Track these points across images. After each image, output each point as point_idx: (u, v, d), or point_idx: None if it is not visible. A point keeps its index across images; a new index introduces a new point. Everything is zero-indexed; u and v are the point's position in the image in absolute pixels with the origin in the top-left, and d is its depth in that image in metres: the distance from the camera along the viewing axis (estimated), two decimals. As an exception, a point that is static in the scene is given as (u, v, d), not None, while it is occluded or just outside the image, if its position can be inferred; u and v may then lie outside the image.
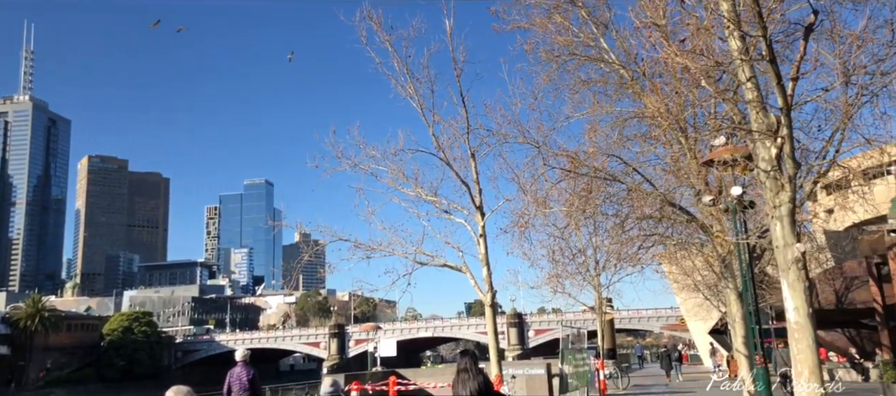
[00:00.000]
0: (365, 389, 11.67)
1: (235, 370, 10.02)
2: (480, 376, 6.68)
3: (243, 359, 10.13)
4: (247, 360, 10.19)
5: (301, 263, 15.49)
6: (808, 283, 6.20)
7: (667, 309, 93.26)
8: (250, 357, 10.53)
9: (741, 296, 17.23)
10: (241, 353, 10.30)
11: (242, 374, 9.82)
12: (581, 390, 18.64)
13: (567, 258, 25.89)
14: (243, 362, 10.08)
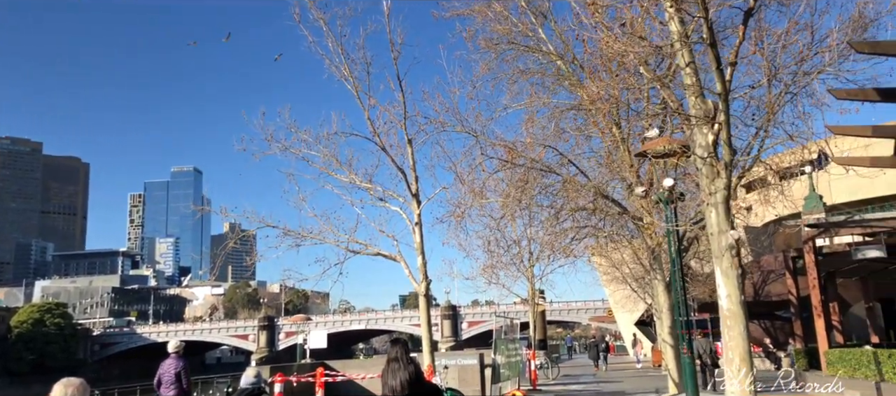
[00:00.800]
0: (289, 381, 11.15)
1: (166, 361, 9.80)
2: (411, 366, 6.35)
3: (175, 350, 9.91)
4: (180, 352, 9.96)
5: (225, 250, 14.72)
6: (740, 271, 6.21)
7: (596, 301, 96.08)
8: (184, 348, 10.33)
9: (668, 288, 17.68)
10: (174, 344, 10.08)
11: (172, 366, 9.62)
12: (513, 380, 18.66)
13: (502, 249, 26.02)
14: (176, 353, 9.85)
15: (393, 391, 6.35)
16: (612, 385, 22.07)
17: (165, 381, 9.62)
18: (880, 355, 14.12)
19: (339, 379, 11.10)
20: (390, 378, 6.41)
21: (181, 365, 9.73)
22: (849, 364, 15.48)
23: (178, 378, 9.55)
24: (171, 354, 9.90)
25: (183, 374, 9.63)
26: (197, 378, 13.28)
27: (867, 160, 11.29)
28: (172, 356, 9.86)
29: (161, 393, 9.73)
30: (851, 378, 15.25)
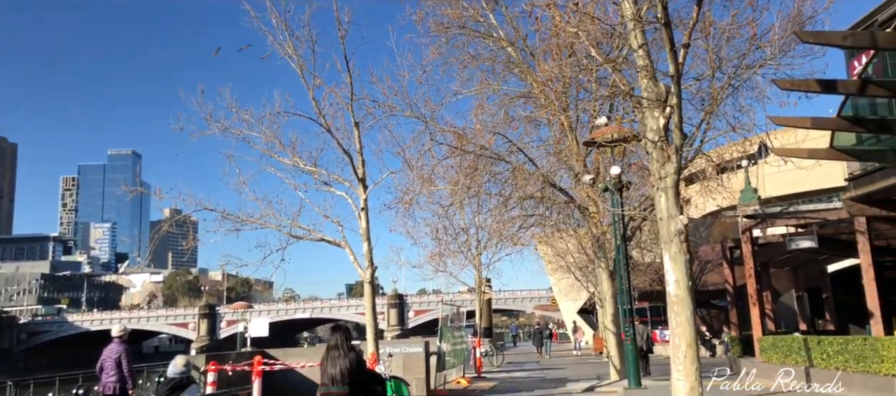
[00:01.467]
0: (224, 369, 10.66)
1: (108, 346, 9.70)
2: (352, 353, 6.07)
3: (119, 336, 9.80)
4: (123, 337, 9.84)
5: (161, 234, 14.00)
6: (689, 256, 6.16)
7: (540, 290, 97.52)
8: (129, 334, 10.28)
9: (612, 276, 17.91)
10: (118, 329, 9.99)
11: (113, 351, 9.51)
12: (458, 368, 18.57)
13: (450, 236, 25.90)
14: (119, 339, 9.74)
15: (332, 380, 6.05)
16: (555, 371, 22.29)
17: (107, 367, 9.47)
18: (810, 341, 14.66)
19: (277, 368, 10.66)
20: (330, 367, 6.11)
21: (122, 350, 9.55)
22: (781, 351, 16.03)
23: (119, 364, 9.38)
24: (115, 339, 9.75)
25: (123, 359, 9.44)
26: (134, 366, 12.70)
27: (804, 152, 11.62)
28: (115, 341, 9.71)
29: (102, 380, 9.56)
30: (783, 364, 15.79)
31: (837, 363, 13.49)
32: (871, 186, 13.15)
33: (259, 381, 9.75)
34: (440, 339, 15.74)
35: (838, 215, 15.28)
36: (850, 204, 13.88)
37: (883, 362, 12.00)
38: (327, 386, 6.01)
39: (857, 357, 12.78)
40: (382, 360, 12.72)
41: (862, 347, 12.65)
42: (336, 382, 5.96)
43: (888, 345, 11.93)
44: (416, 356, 14.23)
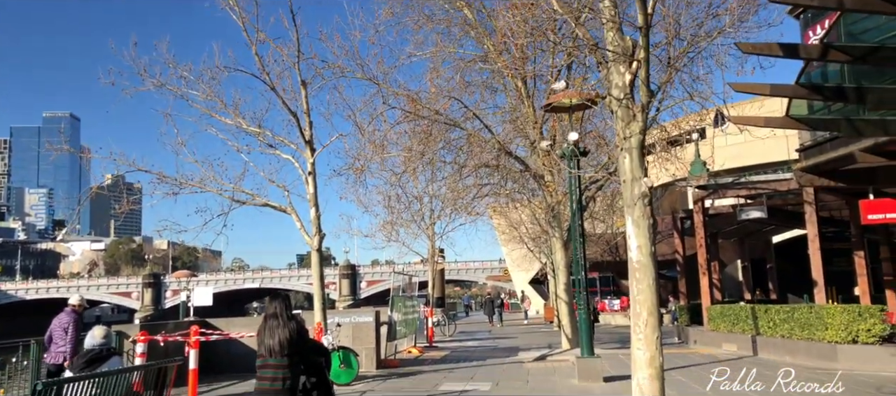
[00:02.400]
0: (155, 340, 9.99)
1: (59, 316, 9.64)
2: (293, 323, 5.55)
3: (74, 306, 9.72)
4: (78, 308, 9.74)
5: (89, 196, 13.03)
6: (652, 221, 5.85)
7: (493, 262, 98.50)
8: (85, 307, 10.11)
9: (566, 246, 17.80)
10: (76, 299, 9.90)
11: (62, 320, 9.45)
12: (409, 338, 18.26)
13: (403, 205, 25.36)
14: (72, 308, 9.66)
15: (271, 350, 5.54)
16: (506, 341, 22.26)
17: (55, 337, 9.34)
18: (758, 310, 14.90)
19: (214, 338, 10.02)
20: (268, 337, 5.59)
21: (71, 320, 9.46)
22: (728, 320, 16.28)
23: (66, 332, 9.32)
24: (67, 308, 9.69)
25: (71, 329, 9.35)
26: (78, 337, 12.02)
27: (761, 120, 11.56)
28: (67, 310, 9.66)
29: (51, 350, 9.34)
30: (730, 332, 16.07)
31: (783, 331, 13.73)
32: (821, 157, 13.27)
33: (195, 352, 9.12)
34: (391, 309, 15.33)
35: (788, 186, 15.47)
36: (800, 174, 14.01)
37: (827, 329, 12.23)
38: (265, 358, 5.50)
39: (803, 325, 13.02)
40: (330, 330, 12.24)
41: (807, 315, 12.87)
42: (274, 353, 5.46)
43: (833, 313, 12.15)
44: (366, 325, 13.79)
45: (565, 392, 10.03)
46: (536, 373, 12.56)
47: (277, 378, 5.42)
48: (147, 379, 6.18)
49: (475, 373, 12.88)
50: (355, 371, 11.68)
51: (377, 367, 13.69)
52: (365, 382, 11.84)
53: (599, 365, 11.26)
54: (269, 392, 5.45)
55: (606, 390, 10.20)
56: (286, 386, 5.40)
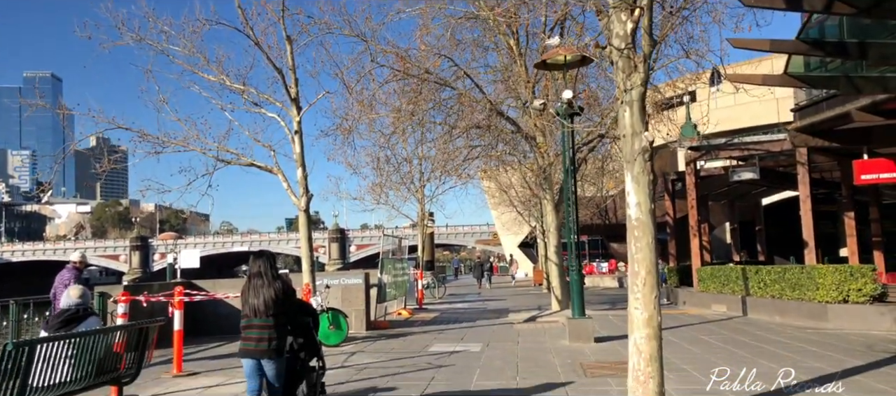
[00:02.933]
0: (137, 300, 9.77)
1: (61, 273, 9.84)
2: (277, 283, 5.31)
3: (74, 262, 9.89)
4: (79, 265, 9.91)
5: (68, 153, 12.62)
6: (652, 177, 5.62)
7: (481, 226, 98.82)
8: (85, 263, 10.34)
9: (557, 208, 17.65)
10: (76, 256, 10.07)
11: (63, 277, 9.66)
12: (399, 300, 18.16)
13: (392, 167, 25.09)
14: (73, 265, 9.83)
15: (255, 311, 5.31)
16: (495, 302, 22.28)
17: (58, 294, 9.36)
18: (748, 271, 14.89)
19: (198, 298, 9.79)
20: (252, 297, 5.35)
21: (71, 277, 9.57)
22: (718, 281, 16.29)
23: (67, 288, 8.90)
24: (68, 265, 9.87)
25: (72, 284, 9.03)
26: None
27: (758, 77, 11.34)
28: (68, 266, 9.83)
29: (55, 307, 9.25)
30: (719, 293, 16.09)
31: (773, 291, 13.73)
32: (817, 116, 13.09)
33: (179, 313, 8.90)
34: (381, 271, 15.17)
35: (781, 146, 15.32)
36: (794, 134, 13.85)
37: (818, 289, 12.21)
38: (249, 318, 5.28)
39: (794, 285, 13.00)
40: (319, 291, 12.06)
41: (798, 276, 12.85)
42: (259, 313, 5.24)
43: (824, 273, 12.12)
44: (356, 287, 13.62)
45: (556, 353, 9.95)
46: (527, 334, 12.50)
47: (263, 338, 5.21)
48: (129, 341, 5.96)
49: (465, 334, 12.80)
50: (345, 333, 11.54)
51: (367, 329, 13.59)
52: (355, 343, 11.71)
53: (590, 326, 11.19)
54: (254, 352, 5.25)
55: (597, 350, 10.13)
56: (272, 347, 5.20)
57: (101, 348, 5.50)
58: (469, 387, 7.42)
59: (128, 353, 5.95)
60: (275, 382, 5.33)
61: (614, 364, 8.71)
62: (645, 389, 5.29)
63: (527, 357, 9.64)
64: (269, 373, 5.31)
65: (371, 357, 10.12)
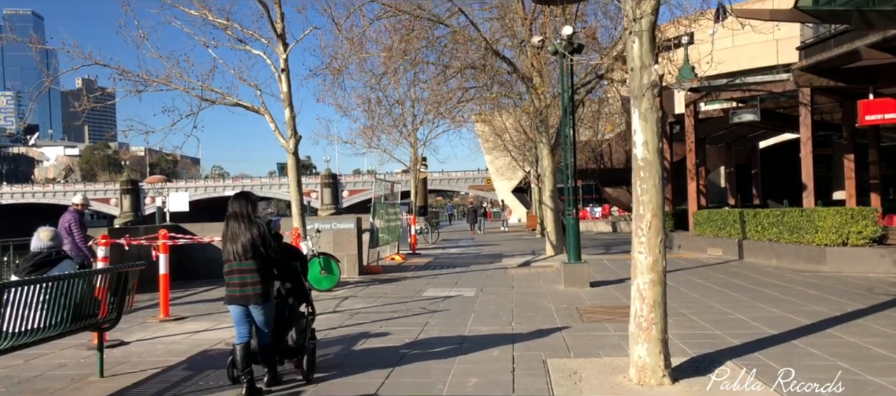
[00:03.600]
0: (118, 244, 9.49)
1: (63, 215, 9.79)
2: (256, 226, 4.97)
3: (75, 204, 9.88)
4: (79, 207, 9.87)
5: (41, 91, 12.07)
6: (661, 113, 5.26)
7: (474, 172, 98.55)
8: (86, 204, 10.27)
9: (553, 151, 17.29)
10: (78, 198, 10.05)
11: (65, 220, 9.62)
12: (392, 245, 17.97)
13: (384, 109, 24.51)
14: (73, 207, 9.83)
15: (235, 255, 5.00)
16: (489, 247, 22.18)
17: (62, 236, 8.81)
18: (746, 214, 14.70)
19: (181, 242, 9.47)
20: (230, 241, 5.03)
21: (72, 219, 9.55)
22: (714, 224, 16.13)
23: (70, 232, 9.42)
24: (69, 207, 9.84)
25: (74, 228, 9.48)
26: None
27: (766, 13, 10.86)
28: (69, 208, 9.81)
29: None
30: (716, 237, 15.96)
31: (771, 234, 13.57)
32: (823, 54, 12.65)
33: (165, 256, 8.60)
34: (373, 216, 14.88)
35: (783, 87, 14.91)
36: (799, 74, 13.43)
37: (817, 232, 12.05)
38: (230, 263, 4.97)
39: (792, 228, 12.83)
40: (310, 236, 11.78)
41: (798, 219, 12.66)
42: (239, 257, 4.93)
43: (824, 216, 11.93)
44: (347, 232, 13.36)
45: (552, 297, 9.79)
46: (521, 279, 12.34)
47: (245, 283, 4.92)
48: (109, 286, 5.67)
49: (459, 279, 12.63)
50: (337, 277, 11.33)
51: (359, 274, 13.39)
52: (347, 288, 11.52)
53: (586, 270, 11.01)
54: (239, 299, 4.97)
55: (593, 294, 9.97)
56: (257, 292, 4.91)
57: (76, 293, 5.20)
58: (463, 332, 7.23)
59: (107, 298, 5.67)
60: (264, 328, 5.08)
61: (611, 309, 8.54)
62: (647, 335, 5.07)
63: (522, 301, 9.46)
64: (258, 319, 5.05)
65: (363, 301, 9.93)
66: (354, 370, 5.67)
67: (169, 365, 6.10)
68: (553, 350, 6.23)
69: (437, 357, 6.04)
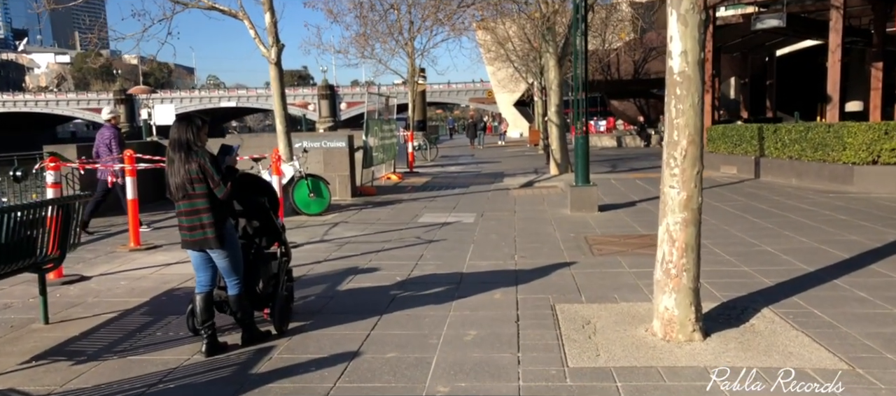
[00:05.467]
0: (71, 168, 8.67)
1: (100, 131, 9.58)
2: (194, 161, 4.04)
3: (108, 119, 9.63)
4: (113, 121, 9.64)
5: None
6: (705, 16, 4.25)
7: (476, 83, 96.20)
8: (119, 117, 10.03)
9: (560, 62, 16.10)
10: (107, 112, 9.81)
11: (102, 136, 9.43)
12: (387, 163, 17.11)
13: (378, 15, 22.96)
14: (108, 122, 9.59)
15: (174, 194, 4.18)
16: (490, 165, 21.37)
17: (101, 153, 9.32)
18: (765, 130, 13.75)
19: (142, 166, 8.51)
20: (169, 174, 4.19)
21: (111, 135, 9.37)
22: (730, 140, 15.22)
23: (110, 149, 9.27)
24: (104, 123, 9.59)
25: (114, 144, 9.31)
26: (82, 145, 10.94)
27: None
28: (105, 125, 9.56)
29: (99, 168, 9.22)
30: (731, 154, 15.08)
31: (792, 151, 12.68)
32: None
33: (132, 180, 7.75)
34: (366, 134, 13.94)
35: (814, -11, 13.61)
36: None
37: (845, 149, 11.15)
38: (176, 202, 4.13)
39: (816, 145, 11.93)
40: (296, 156, 10.91)
41: (824, 135, 11.72)
42: (177, 197, 4.08)
43: (855, 132, 10.99)
44: (339, 151, 12.47)
45: (557, 224, 9.04)
46: (524, 202, 11.58)
47: (194, 226, 4.10)
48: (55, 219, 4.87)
49: (458, 202, 11.86)
50: (327, 201, 10.56)
51: (352, 196, 12.61)
52: (338, 212, 10.77)
53: (595, 194, 10.21)
54: (191, 243, 4.16)
55: (602, 221, 9.21)
56: (208, 235, 4.08)
57: (7, 229, 4.41)
58: (461, 268, 6.50)
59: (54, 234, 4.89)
60: (229, 276, 4.29)
61: (623, 239, 7.80)
62: (676, 284, 4.30)
63: (525, 229, 8.71)
64: (220, 266, 4.26)
65: (354, 228, 9.18)
66: (336, 318, 4.94)
67: (128, 308, 5.39)
68: (562, 291, 5.50)
69: (432, 302, 5.31)
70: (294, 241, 8.08)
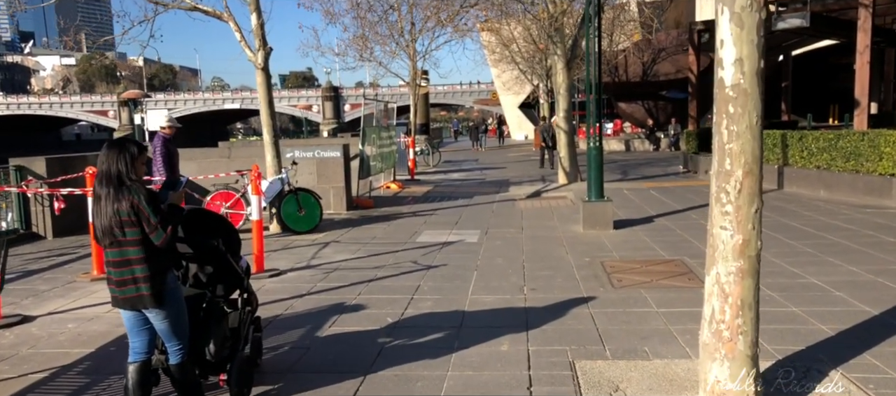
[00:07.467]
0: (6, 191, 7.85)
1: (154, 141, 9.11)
2: (125, 199, 3.16)
3: (163, 127, 9.18)
4: (166, 131, 9.10)
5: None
6: (765, 14, 3.38)
7: (480, 84, 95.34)
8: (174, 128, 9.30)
9: (569, 65, 15.23)
10: (164, 119, 9.27)
11: (156, 145, 9.01)
12: (387, 172, 16.27)
13: (377, 16, 22.11)
14: (160, 130, 9.16)
15: (101, 239, 3.33)
16: (495, 171, 20.52)
17: (155, 165, 8.96)
18: (789, 137, 12.83)
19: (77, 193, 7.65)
20: (96, 216, 3.33)
21: (157, 146, 8.92)
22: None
23: (155, 157, 8.92)
24: (159, 133, 9.11)
25: (156, 154, 8.88)
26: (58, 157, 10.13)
27: None
28: (159, 133, 9.11)
29: (155, 178, 8.89)
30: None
31: (820, 161, 11.77)
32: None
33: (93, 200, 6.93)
34: (363, 142, 13.09)
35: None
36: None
37: (882, 160, 10.24)
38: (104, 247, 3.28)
39: (848, 154, 11.01)
40: (286, 168, 10.08)
41: (857, 143, 10.81)
42: (104, 242, 3.22)
43: (893, 140, 10.06)
44: (333, 161, 11.63)
45: (570, 245, 8.18)
46: (531, 216, 10.72)
47: (124, 281, 3.24)
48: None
49: (460, 216, 11.01)
50: (317, 220, 9.73)
51: (348, 209, 11.77)
52: (330, 230, 9.94)
53: (610, 210, 9.34)
54: (120, 300, 3.30)
55: (618, 241, 8.34)
56: (144, 292, 3.22)
57: None
58: (463, 305, 5.64)
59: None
60: (171, 341, 3.42)
61: (645, 266, 6.92)
62: (730, 350, 3.43)
63: (534, 251, 7.85)
64: (158, 327, 3.39)
65: (346, 250, 8.33)
66: (311, 380, 4.09)
67: (66, 363, 4.56)
68: (581, 340, 4.64)
69: (427, 355, 4.45)
70: (276, 269, 7.25)
